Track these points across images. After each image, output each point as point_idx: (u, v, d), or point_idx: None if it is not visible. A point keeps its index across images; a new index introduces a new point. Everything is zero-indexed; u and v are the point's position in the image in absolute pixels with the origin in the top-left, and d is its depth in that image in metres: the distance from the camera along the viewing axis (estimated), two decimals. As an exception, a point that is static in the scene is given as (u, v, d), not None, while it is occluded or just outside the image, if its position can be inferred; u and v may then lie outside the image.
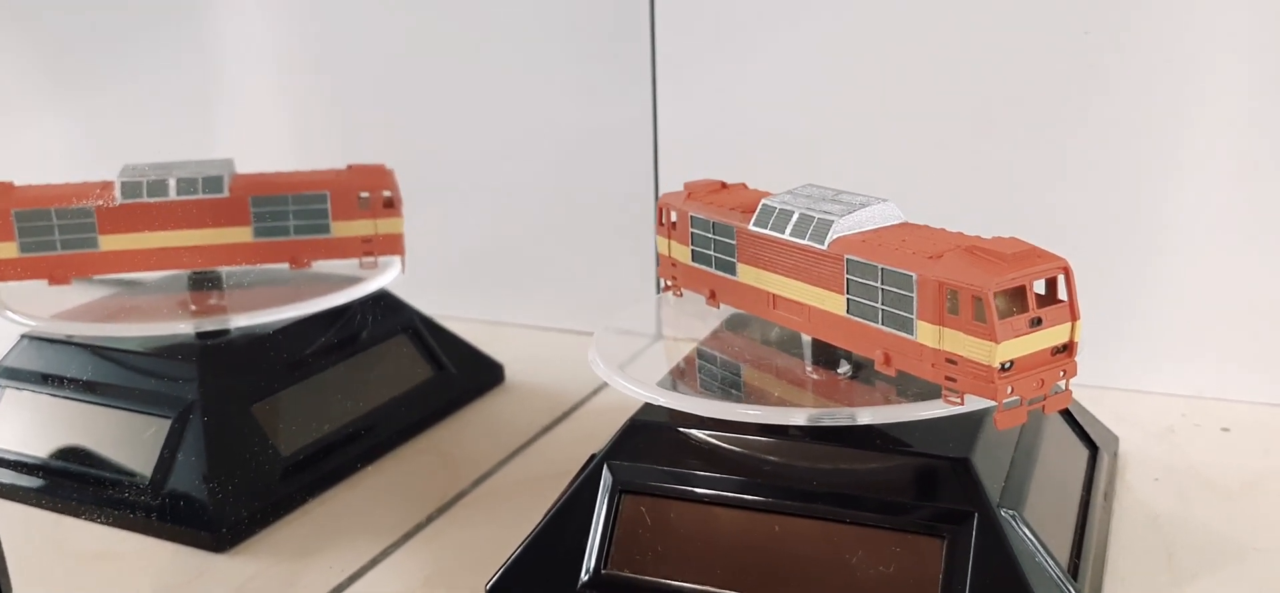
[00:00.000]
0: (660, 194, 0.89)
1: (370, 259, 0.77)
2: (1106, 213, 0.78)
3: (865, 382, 0.58)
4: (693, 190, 0.65)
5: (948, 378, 0.50)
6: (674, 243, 0.65)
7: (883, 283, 0.51)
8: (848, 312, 0.53)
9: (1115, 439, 0.69)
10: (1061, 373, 0.50)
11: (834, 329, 0.55)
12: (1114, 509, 0.64)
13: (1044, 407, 0.50)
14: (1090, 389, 0.74)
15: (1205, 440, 0.72)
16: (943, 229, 0.54)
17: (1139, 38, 0.74)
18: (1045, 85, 0.78)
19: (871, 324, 0.52)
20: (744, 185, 0.66)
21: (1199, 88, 0.74)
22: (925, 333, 0.50)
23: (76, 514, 0.67)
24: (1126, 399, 0.78)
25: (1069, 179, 0.78)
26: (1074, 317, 0.49)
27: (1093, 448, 0.66)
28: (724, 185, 0.65)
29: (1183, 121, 0.75)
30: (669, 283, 0.67)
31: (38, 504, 0.69)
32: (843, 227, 0.53)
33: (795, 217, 0.55)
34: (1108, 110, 0.76)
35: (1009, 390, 0.48)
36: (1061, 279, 0.49)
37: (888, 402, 0.54)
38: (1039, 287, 0.49)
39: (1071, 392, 0.51)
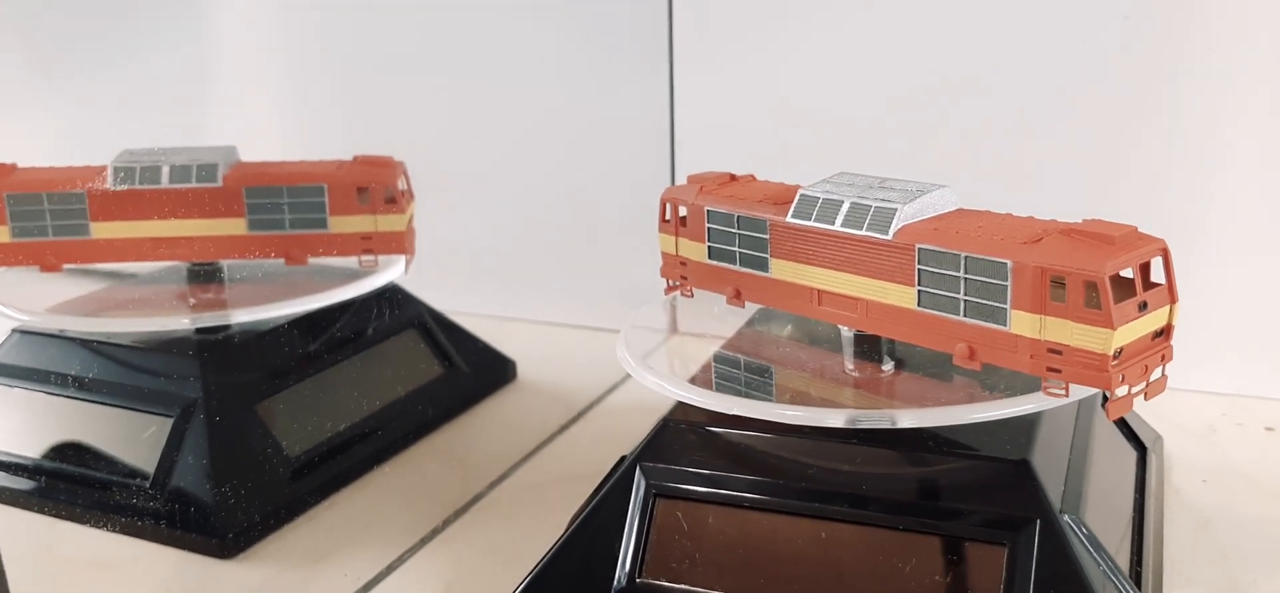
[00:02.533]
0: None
1: (370, 257, 0.73)
2: (1142, 207, 0.75)
3: (914, 378, 0.55)
4: (701, 184, 0.61)
5: (1050, 369, 0.47)
6: (683, 240, 0.61)
7: (966, 272, 0.48)
8: (919, 304, 0.50)
9: (1160, 439, 0.67)
10: (1161, 358, 0.47)
11: (900, 323, 0.52)
12: (1165, 512, 0.61)
13: (1146, 393, 0.47)
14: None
15: (1249, 440, 0.70)
16: (1009, 215, 0.51)
17: (1181, 23, 0.72)
18: (1080, 72, 0.75)
19: (950, 316, 0.49)
20: (753, 177, 0.62)
21: (1241, 78, 0.71)
22: (1021, 323, 0.47)
23: (72, 519, 0.64)
24: (1165, 398, 0.75)
25: (1103, 171, 0.76)
26: (1173, 299, 0.47)
27: (1141, 449, 0.63)
28: (733, 177, 0.62)
29: (1223, 112, 0.72)
30: (674, 283, 0.63)
31: (31, 508, 0.65)
32: (907, 214, 0.50)
33: (846, 206, 0.52)
34: (1146, 99, 0.74)
35: (1120, 379, 0.45)
36: (1158, 261, 0.47)
37: (970, 398, 0.51)
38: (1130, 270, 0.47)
39: (1167, 377, 0.48)
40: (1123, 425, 0.63)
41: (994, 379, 0.53)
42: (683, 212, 0.61)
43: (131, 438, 0.65)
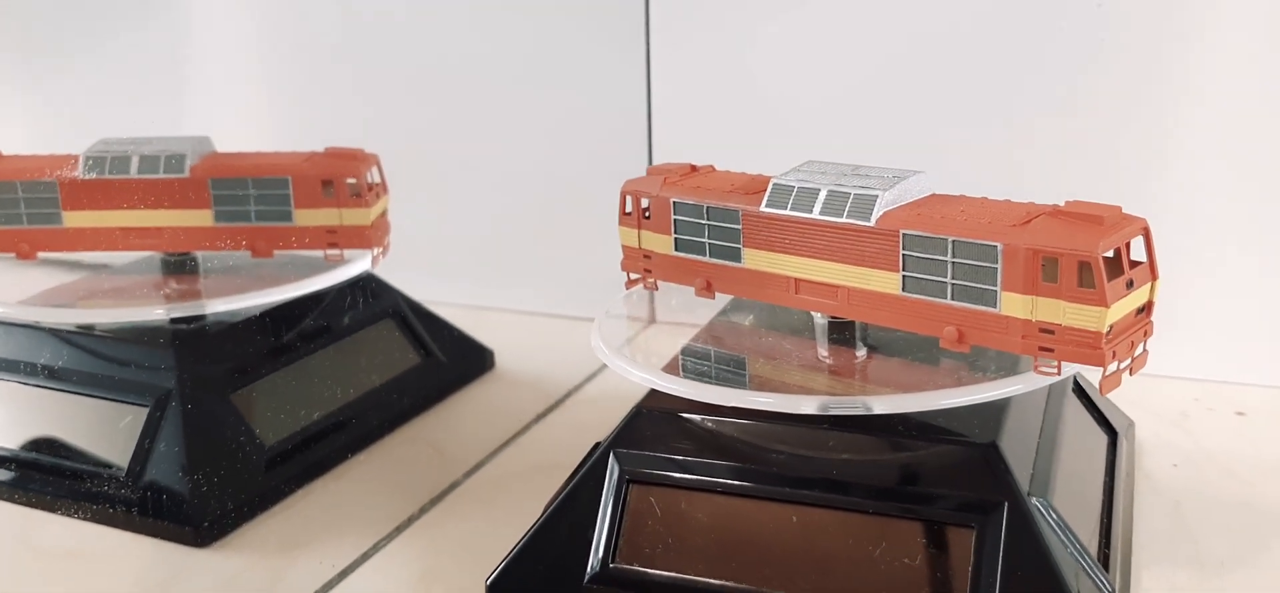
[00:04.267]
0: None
1: (335, 251, 0.72)
2: (1112, 194, 0.75)
3: (886, 363, 0.55)
4: (665, 176, 0.60)
5: (1042, 348, 0.48)
6: (646, 233, 0.61)
7: (954, 256, 0.49)
8: (903, 289, 0.51)
9: (1131, 424, 0.67)
10: (1143, 334, 0.49)
11: (882, 309, 0.52)
12: (1135, 496, 0.62)
13: (1130, 369, 0.48)
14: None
15: (1220, 426, 0.70)
16: (986, 198, 0.52)
17: (1153, 10, 0.72)
18: (1053, 59, 0.75)
19: (937, 300, 0.50)
20: (712, 168, 0.62)
21: (1213, 65, 0.72)
22: (1012, 304, 0.48)
23: (47, 509, 0.64)
24: (1137, 383, 0.75)
25: (1076, 158, 0.76)
26: (1154, 276, 0.49)
27: (1112, 433, 0.64)
28: (694, 168, 0.62)
29: (1196, 99, 0.73)
30: (636, 277, 0.62)
31: (5, 498, 0.65)
32: (888, 200, 0.51)
33: (823, 194, 0.53)
34: (1118, 86, 0.74)
35: (1112, 355, 0.47)
36: (1139, 239, 0.48)
37: (942, 384, 0.52)
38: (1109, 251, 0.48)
39: (1149, 353, 0.49)
40: (1093, 411, 0.64)
41: (968, 363, 0.54)
42: (645, 205, 0.60)
43: (106, 428, 0.65)
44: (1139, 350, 0.49)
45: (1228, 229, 0.74)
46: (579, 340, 0.88)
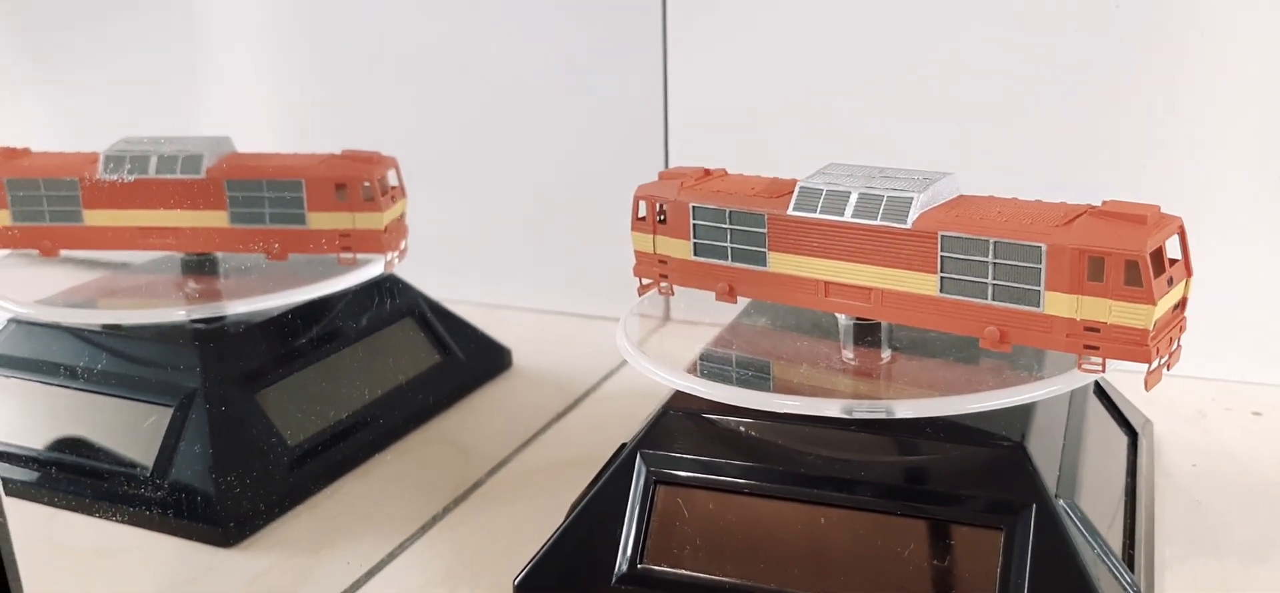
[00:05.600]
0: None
1: (348, 255, 0.72)
2: (1131, 195, 0.76)
3: (912, 364, 0.56)
4: (681, 180, 0.60)
5: (1087, 346, 0.48)
6: (662, 238, 0.60)
7: (996, 257, 0.49)
8: (941, 291, 0.51)
9: (1150, 424, 0.68)
10: (1179, 330, 0.49)
11: (918, 311, 0.52)
12: (1156, 495, 0.62)
13: (1168, 364, 0.49)
14: (1118, 373, 0.72)
15: (1237, 425, 0.71)
16: (1016, 199, 0.52)
17: (1172, 10, 0.73)
18: (1071, 61, 0.76)
19: (976, 301, 0.50)
20: (725, 171, 0.62)
21: (1232, 67, 0.72)
22: (1057, 303, 0.48)
23: (73, 509, 0.64)
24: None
25: (1094, 157, 0.77)
26: (1189, 273, 0.49)
27: (1132, 434, 0.64)
28: (707, 172, 0.61)
29: (1213, 101, 0.73)
30: (649, 282, 0.62)
31: (33, 499, 0.65)
32: (923, 202, 0.51)
33: (855, 197, 0.53)
34: (1137, 86, 0.74)
35: (1156, 351, 0.47)
36: (1175, 237, 0.49)
37: (967, 387, 0.52)
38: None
39: (1181, 348, 0.50)
40: (1113, 411, 0.64)
41: (992, 365, 0.54)
42: (660, 209, 0.60)
43: (132, 428, 0.65)
44: (1175, 346, 0.50)
45: (1243, 229, 0.75)
46: (595, 339, 0.89)
